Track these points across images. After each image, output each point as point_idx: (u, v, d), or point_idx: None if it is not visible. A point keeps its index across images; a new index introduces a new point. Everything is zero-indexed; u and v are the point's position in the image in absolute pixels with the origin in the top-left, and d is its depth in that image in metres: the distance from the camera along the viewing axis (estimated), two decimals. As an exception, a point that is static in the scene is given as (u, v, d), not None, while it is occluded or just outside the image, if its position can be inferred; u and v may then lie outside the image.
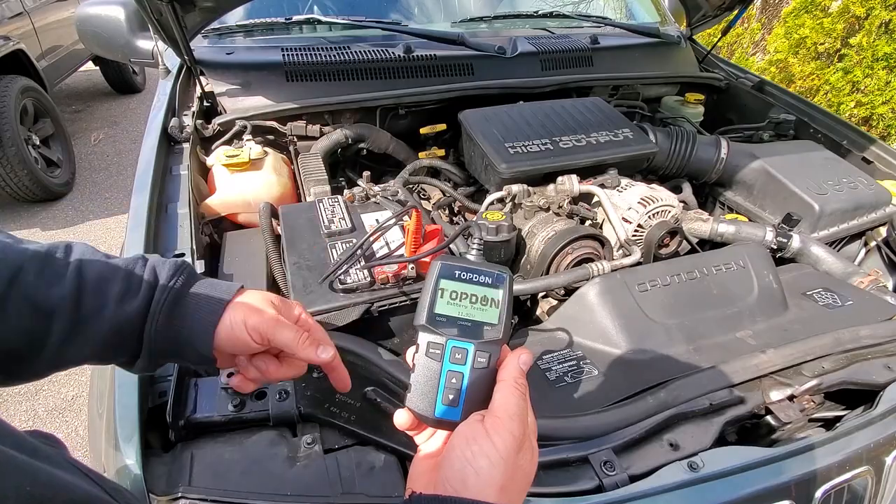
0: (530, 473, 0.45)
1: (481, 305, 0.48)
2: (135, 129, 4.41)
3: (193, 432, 0.67)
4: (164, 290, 0.53)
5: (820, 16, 3.72)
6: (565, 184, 1.16)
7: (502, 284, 0.49)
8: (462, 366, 0.47)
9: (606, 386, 0.82)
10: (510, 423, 0.43)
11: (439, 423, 0.47)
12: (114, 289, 0.52)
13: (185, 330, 0.54)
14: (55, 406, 2.06)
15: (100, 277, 0.51)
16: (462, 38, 1.52)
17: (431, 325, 0.48)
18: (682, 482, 0.65)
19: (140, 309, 0.52)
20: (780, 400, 0.79)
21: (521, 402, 0.45)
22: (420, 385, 0.47)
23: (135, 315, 0.52)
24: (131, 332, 0.52)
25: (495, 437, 0.42)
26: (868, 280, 1.08)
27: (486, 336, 0.48)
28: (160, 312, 0.53)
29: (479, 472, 0.41)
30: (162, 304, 0.53)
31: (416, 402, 0.47)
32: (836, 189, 1.26)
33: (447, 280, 0.49)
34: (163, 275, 0.54)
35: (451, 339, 0.47)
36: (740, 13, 1.79)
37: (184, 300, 0.54)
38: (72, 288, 0.50)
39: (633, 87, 1.77)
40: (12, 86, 3.06)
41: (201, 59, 1.39)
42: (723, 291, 0.99)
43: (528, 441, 0.45)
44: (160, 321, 0.53)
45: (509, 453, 0.42)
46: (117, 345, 0.53)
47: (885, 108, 3.33)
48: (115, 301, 0.51)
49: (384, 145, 1.45)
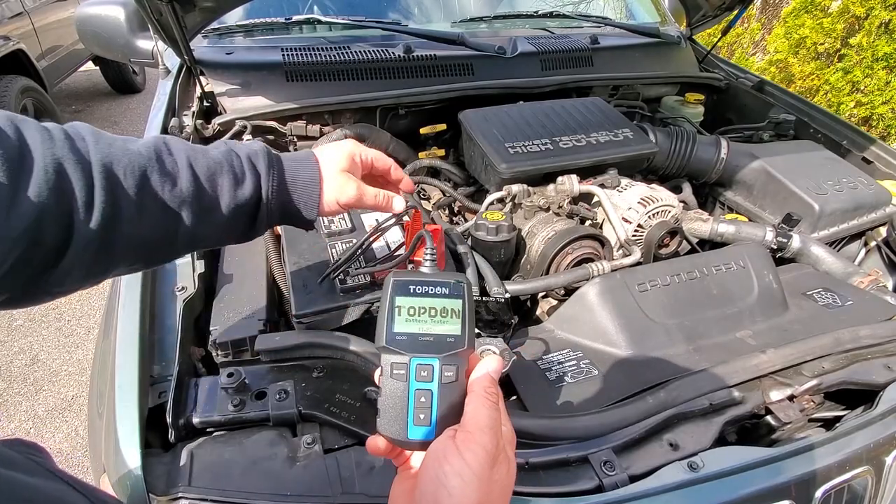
0: (508, 486, 0.43)
1: (441, 318, 0.46)
2: (135, 129, 4.41)
3: (193, 432, 0.67)
4: (269, 177, 0.62)
5: (820, 16, 3.72)
6: (565, 184, 1.16)
7: (461, 293, 0.47)
8: (429, 383, 0.45)
9: (606, 386, 0.82)
10: (482, 436, 0.41)
11: (413, 444, 0.45)
12: (224, 182, 0.59)
13: (293, 207, 0.65)
14: (55, 406, 2.06)
15: (209, 172, 0.58)
16: (462, 38, 1.52)
17: (392, 345, 0.46)
18: (681, 482, 0.65)
19: (251, 195, 0.60)
20: (779, 400, 0.79)
21: (492, 412, 0.43)
22: (388, 408, 0.45)
23: (247, 201, 0.60)
24: (247, 214, 0.61)
25: (467, 453, 0.40)
26: (868, 280, 1.08)
27: (450, 348, 0.46)
28: (272, 197, 0.62)
29: (452, 491, 0.39)
30: (271, 191, 0.62)
31: (387, 427, 0.45)
32: (836, 189, 1.26)
33: (402, 297, 0.47)
34: (260, 165, 0.62)
35: (415, 356, 0.45)
36: (740, 13, 1.79)
37: (284, 184, 0.64)
38: (191, 185, 0.56)
39: (633, 87, 1.77)
40: (12, 86, 3.06)
41: (201, 59, 1.39)
42: (723, 291, 0.99)
43: (502, 453, 0.43)
44: (273, 204, 0.62)
45: (483, 469, 0.40)
46: (235, 226, 0.61)
47: (885, 108, 3.33)
48: (229, 191, 0.59)
49: (384, 145, 1.45)
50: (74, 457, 1.86)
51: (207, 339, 0.81)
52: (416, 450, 0.46)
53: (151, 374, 0.73)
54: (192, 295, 0.83)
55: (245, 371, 0.72)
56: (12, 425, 1.99)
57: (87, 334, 2.41)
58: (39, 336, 2.40)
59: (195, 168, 0.57)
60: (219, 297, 0.88)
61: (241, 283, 0.91)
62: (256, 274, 0.94)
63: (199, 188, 0.57)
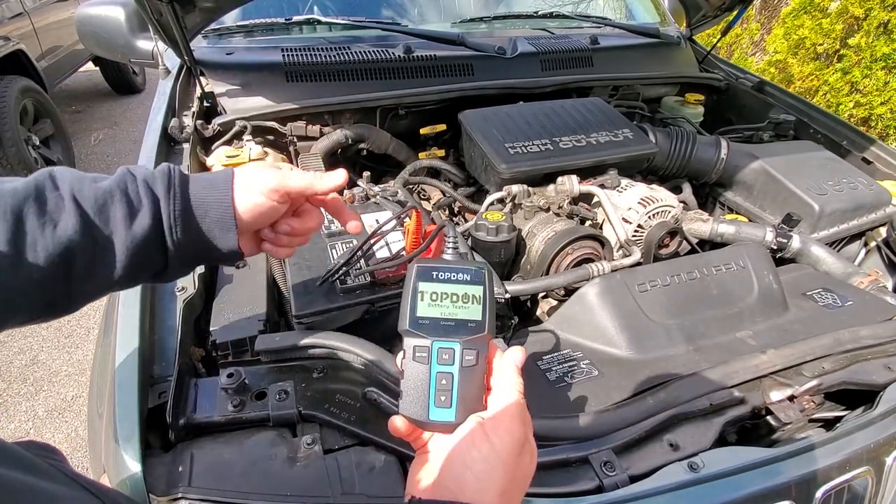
0: (529, 475, 0.44)
1: (463, 303, 0.48)
2: (135, 129, 4.41)
3: (193, 432, 0.67)
4: (169, 201, 0.53)
5: (819, 16, 3.72)
6: (565, 184, 1.16)
7: (482, 280, 0.48)
8: (451, 366, 0.47)
9: (606, 386, 0.82)
10: (511, 423, 0.43)
11: (435, 426, 0.47)
12: (117, 212, 0.50)
13: (206, 230, 0.54)
14: (55, 406, 2.06)
15: (98, 203, 0.50)
16: (462, 38, 1.53)
17: (415, 328, 0.47)
18: (682, 482, 0.65)
19: (150, 225, 0.51)
20: (780, 400, 0.79)
21: (520, 401, 0.45)
22: (411, 390, 0.47)
23: (147, 232, 0.51)
24: (150, 249, 0.52)
25: (494, 438, 0.41)
26: (868, 280, 1.08)
27: (471, 333, 0.47)
28: (176, 224, 0.53)
29: (479, 476, 0.40)
30: (174, 216, 0.52)
31: (410, 408, 0.47)
32: (836, 189, 1.26)
33: (425, 282, 0.48)
34: (159, 187, 0.53)
35: (437, 340, 0.47)
36: (740, 14, 1.79)
37: (190, 204, 0.54)
38: (77, 223, 0.48)
39: (633, 87, 1.77)
40: (12, 86, 3.06)
41: (201, 60, 1.39)
42: (723, 292, 0.99)
43: (528, 443, 0.44)
44: (178, 231, 0.53)
45: (509, 455, 0.41)
46: (139, 264, 0.52)
47: (884, 108, 3.33)
48: (123, 223, 0.50)
49: (384, 146, 1.45)
50: (74, 457, 1.86)
51: (207, 340, 0.81)
52: (437, 431, 0.48)
53: (151, 374, 0.73)
54: (192, 295, 0.83)
55: (245, 371, 0.72)
56: (12, 425, 1.98)
57: (87, 335, 2.41)
58: (39, 336, 2.40)
59: (80, 201, 0.49)
60: (219, 297, 0.88)
61: (241, 283, 0.91)
62: (256, 274, 0.94)
63: (87, 224, 0.48)
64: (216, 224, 0.55)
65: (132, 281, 0.55)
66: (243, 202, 0.55)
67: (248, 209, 0.55)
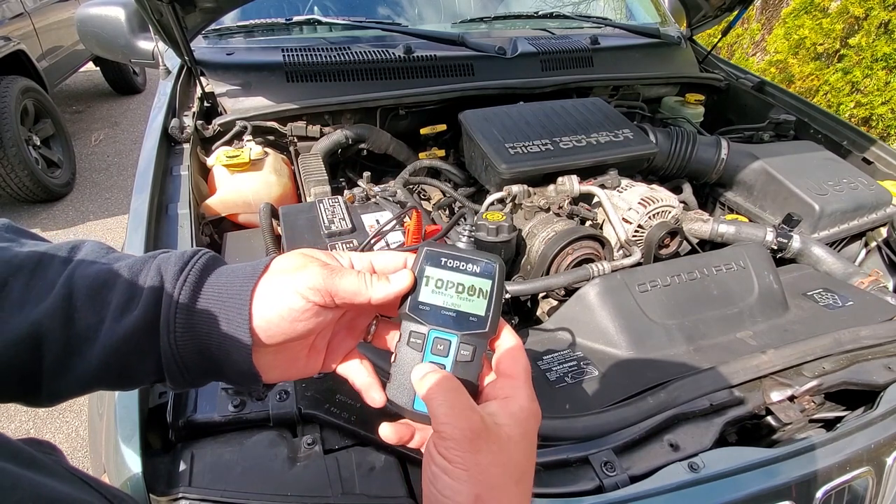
0: (509, 464, 0.40)
1: (468, 295, 0.45)
2: (135, 129, 4.41)
3: (193, 432, 0.67)
4: (174, 290, 0.41)
5: (819, 16, 3.72)
6: (565, 184, 1.16)
7: (491, 274, 0.45)
8: (444, 358, 0.44)
9: (607, 386, 0.82)
10: (451, 430, 0.38)
11: (418, 416, 0.44)
12: (114, 299, 0.40)
13: (215, 337, 0.41)
14: (55, 406, 2.06)
15: (94, 286, 0.40)
16: (462, 38, 1.53)
17: (413, 313, 0.45)
18: (682, 483, 0.65)
19: (140, 321, 0.40)
20: (780, 400, 0.79)
21: (459, 396, 0.40)
22: (399, 375, 0.45)
23: (132, 330, 0.39)
24: (136, 352, 0.40)
25: (440, 447, 0.38)
26: (868, 280, 1.08)
27: (471, 328, 0.44)
28: (174, 321, 0.40)
29: (444, 492, 0.37)
30: (174, 310, 0.40)
31: (395, 394, 0.45)
32: (837, 189, 1.26)
33: (432, 267, 0.45)
34: (168, 273, 0.41)
35: (434, 328, 0.44)
36: (740, 14, 1.79)
37: (200, 299, 0.41)
38: (57, 304, 0.38)
39: (634, 87, 1.78)
40: (13, 86, 3.06)
41: (202, 60, 1.39)
42: (723, 292, 0.99)
43: (487, 432, 0.38)
44: (178, 332, 0.40)
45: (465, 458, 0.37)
46: (121, 371, 0.41)
47: (885, 108, 3.33)
48: (113, 315, 0.40)
49: (384, 146, 1.45)
50: (75, 456, 1.86)
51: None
52: (418, 422, 0.45)
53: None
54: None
55: (245, 371, 0.71)
56: (13, 425, 1.98)
57: (88, 335, 2.41)
58: (39, 336, 2.40)
59: (74, 281, 0.40)
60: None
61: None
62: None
63: (70, 308, 0.39)
64: (228, 327, 0.41)
65: (114, 387, 0.44)
66: (266, 305, 0.41)
67: (270, 317, 0.41)
